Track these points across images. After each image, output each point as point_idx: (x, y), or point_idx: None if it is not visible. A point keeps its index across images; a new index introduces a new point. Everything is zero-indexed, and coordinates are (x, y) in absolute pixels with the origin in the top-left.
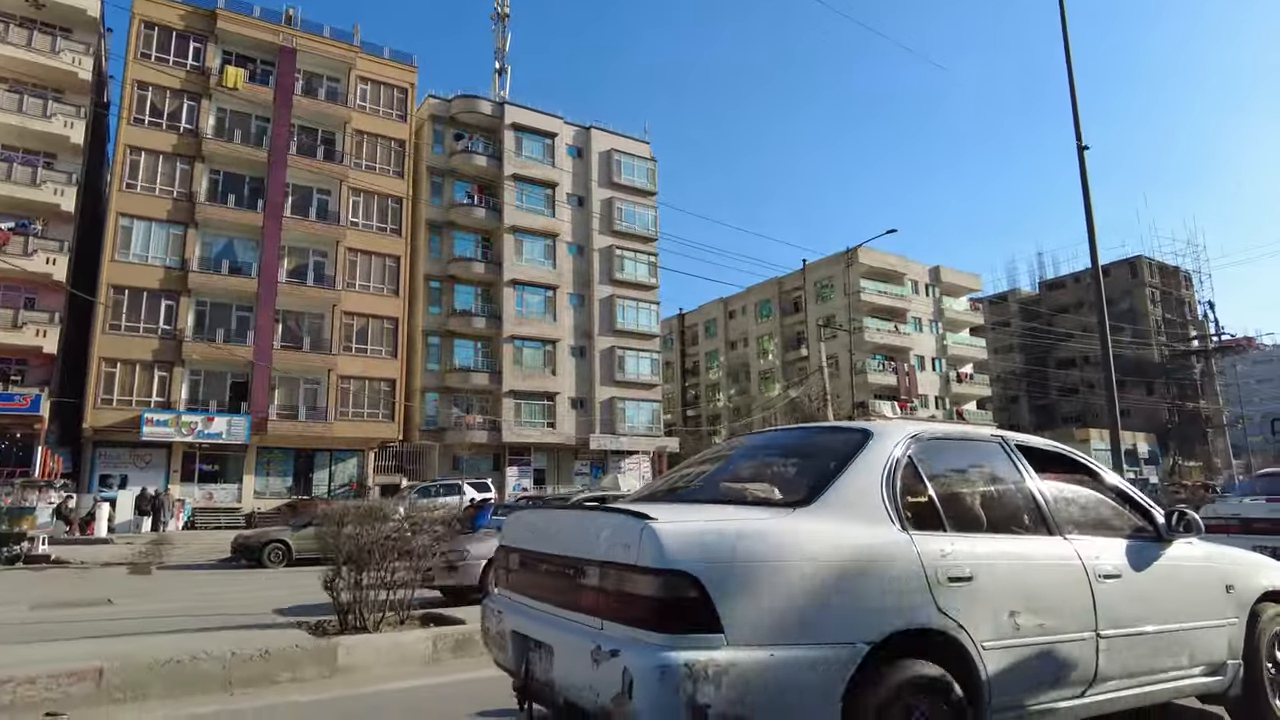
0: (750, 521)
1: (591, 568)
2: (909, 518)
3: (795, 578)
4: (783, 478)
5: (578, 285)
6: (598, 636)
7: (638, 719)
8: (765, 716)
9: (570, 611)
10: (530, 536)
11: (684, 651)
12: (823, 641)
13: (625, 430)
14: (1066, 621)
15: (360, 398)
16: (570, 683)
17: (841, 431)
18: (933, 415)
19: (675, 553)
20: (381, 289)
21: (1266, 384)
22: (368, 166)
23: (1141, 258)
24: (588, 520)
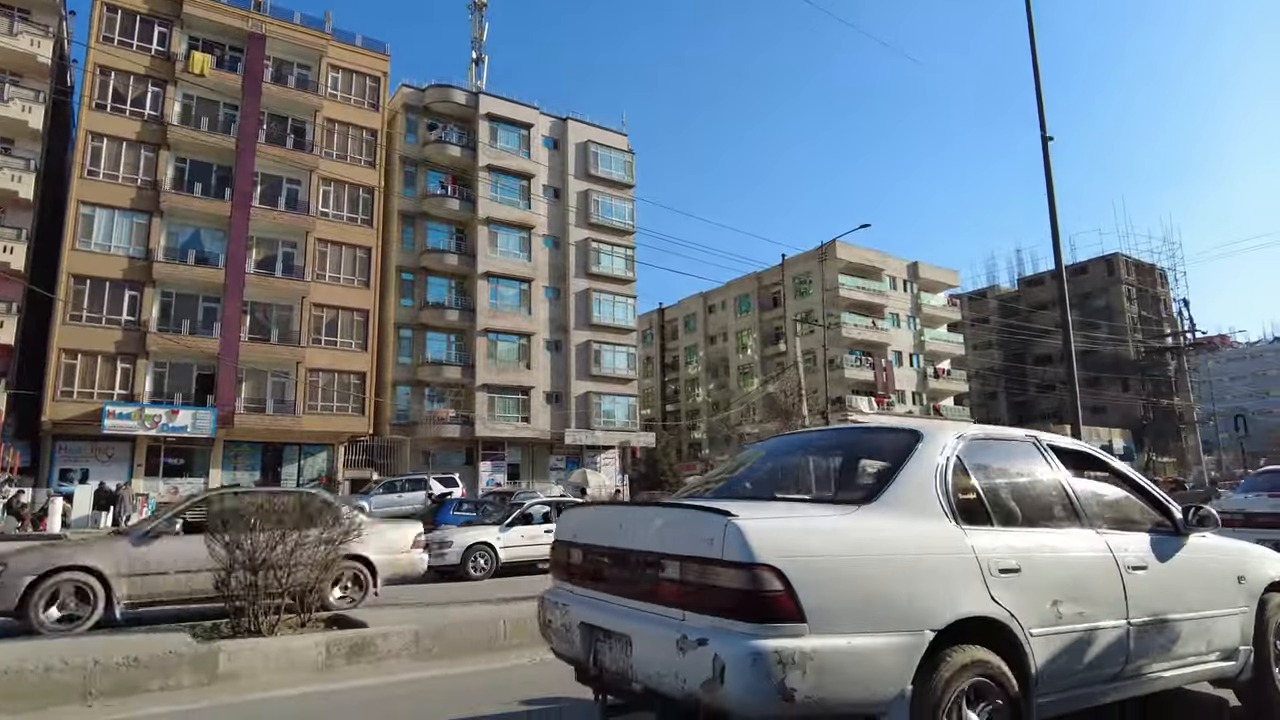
0: (825, 518)
1: (671, 562)
2: (960, 513)
3: (867, 570)
4: (840, 476)
5: (553, 278)
6: (681, 627)
7: (729, 703)
8: (844, 698)
9: (648, 604)
10: (596, 532)
11: (773, 640)
12: (894, 629)
13: (601, 425)
14: (1102, 610)
15: (330, 391)
16: (651, 670)
17: (891, 432)
18: (909, 411)
19: (761, 548)
20: (352, 280)
21: (1239, 381)
22: (339, 156)
23: (1119, 255)
24: (666, 516)
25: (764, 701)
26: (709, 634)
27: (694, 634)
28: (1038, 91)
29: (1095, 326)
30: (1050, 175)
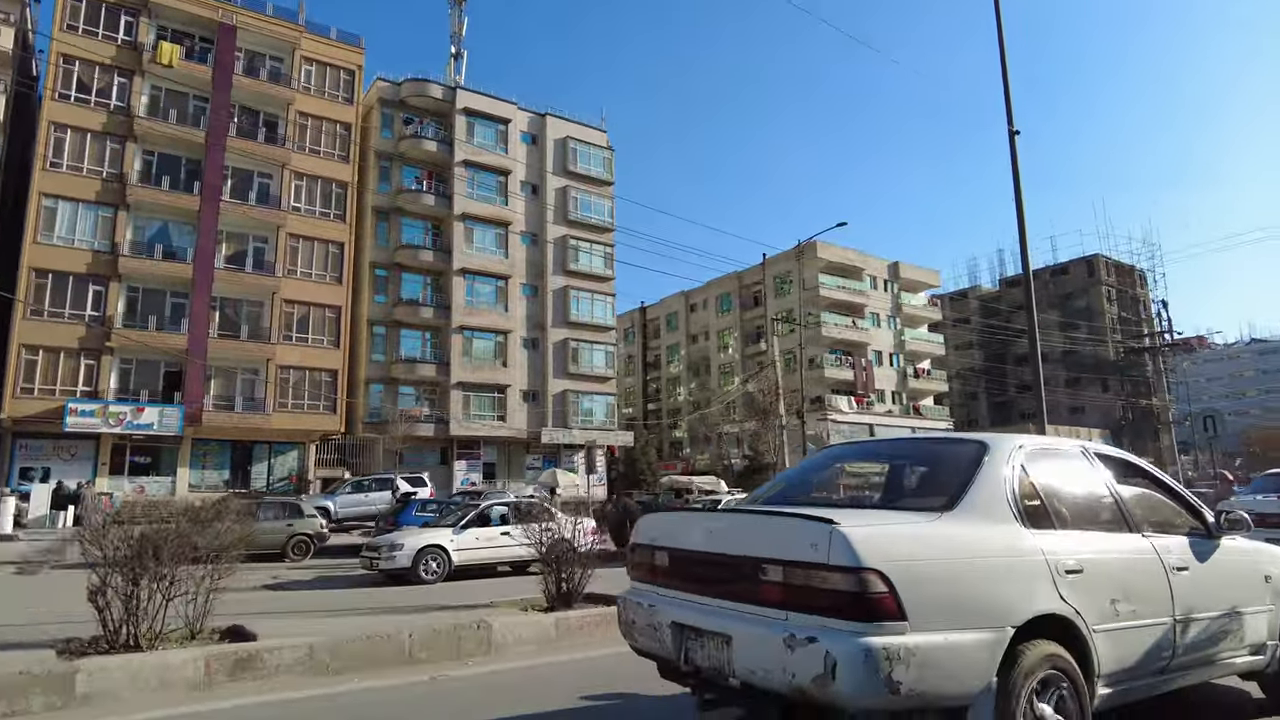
0: (916, 525)
1: (773, 566)
2: (1027, 518)
3: (956, 572)
4: (915, 484)
5: (531, 275)
6: (786, 626)
7: (840, 696)
8: (940, 691)
9: (747, 605)
10: (683, 536)
11: (880, 637)
12: (981, 626)
13: (579, 424)
14: (1152, 608)
15: (300, 389)
16: (754, 666)
17: (960, 443)
18: (889, 410)
19: (866, 553)
20: (324, 276)
21: (1216, 382)
22: (311, 150)
23: (1099, 256)
24: (764, 523)
25: (873, 694)
26: (818, 632)
27: (803, 632)
28: (1005, 86)
29: (1075, 327)
30: (1017, 169)
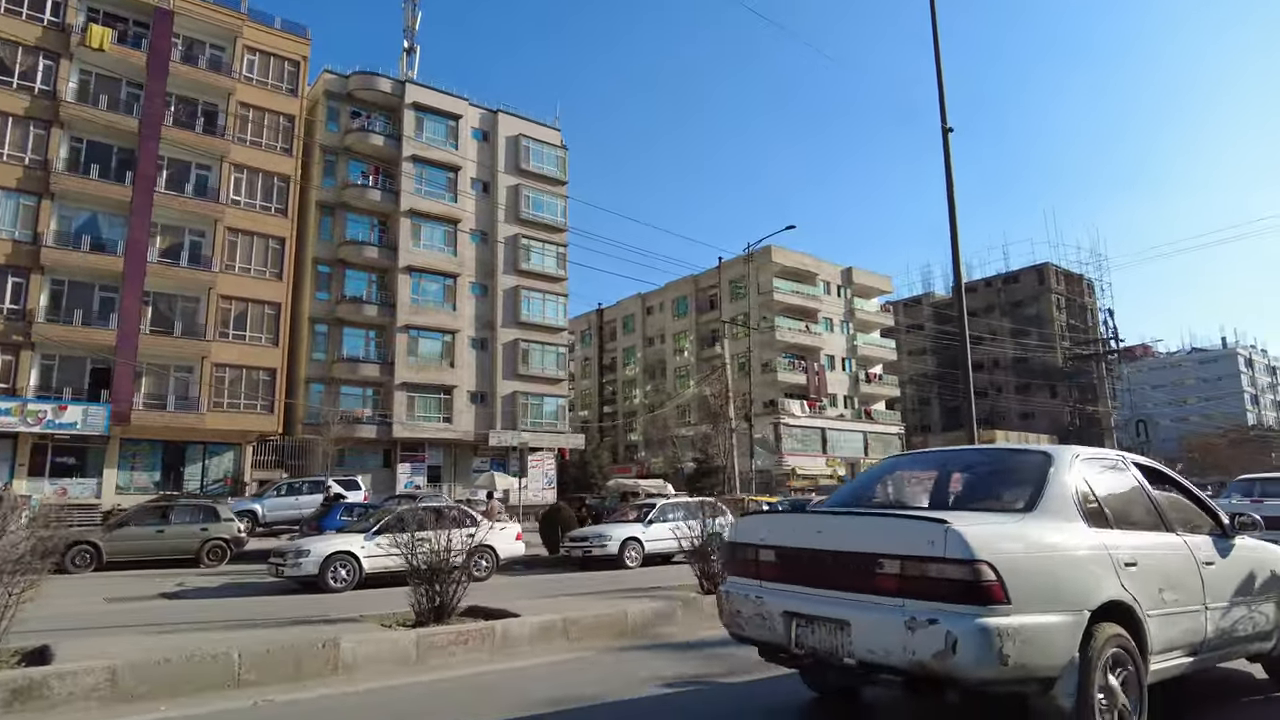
0: (1009, 524)
1: (890, 560)
2: (1089, 518)
3: (1045, 563)
4: (991, 490)
5: (481, 274)
6: (905, 611)
7: (959, 668)
8: (1036, 664)
9: (864, 594)
10: (789, 535)
11: (993, 618)
12: (1066, 609)
13: (529, 426)
14: (1189, 597)
15: (237, 388)
16: (874, 646)
17: (1027, 453)
18: (841, 414)
19: (978, 548)
20: (264, 272)
21: (1160, 389)
22: (253, 142)
23: (1049, 264)
24: (881, 524)
25: (987, 666)
26: (938, 615)
27: (923, 615)
28: (939, 83)
29: (1026, 333)
30: (949, 166)
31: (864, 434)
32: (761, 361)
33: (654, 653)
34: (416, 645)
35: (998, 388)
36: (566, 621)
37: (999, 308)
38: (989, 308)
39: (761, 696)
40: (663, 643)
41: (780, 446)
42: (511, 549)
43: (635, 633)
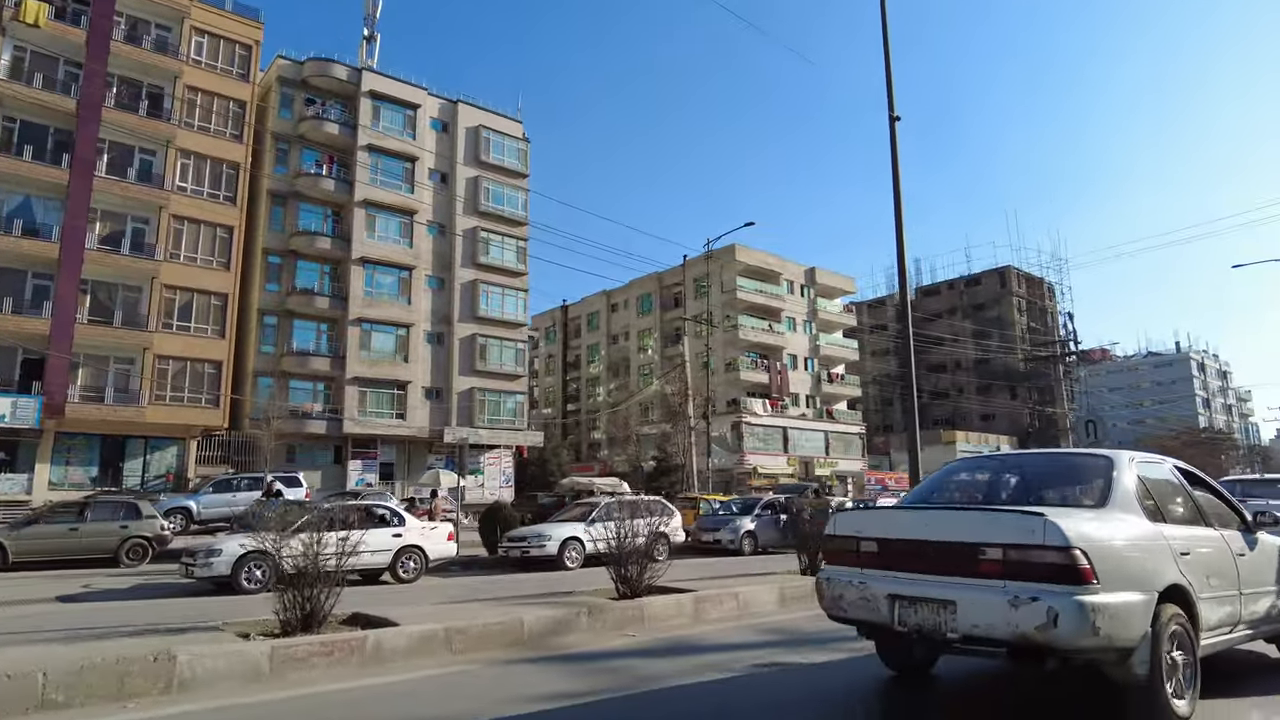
0: (1090, 519)
1: (992, 548)
2: (1149, 514)
3: (1123, 551)
4: (1069, 489)
5: (438, 267)
6: (1008, 590)
7: (1057, 639)
8: (1119, 636)
9: (967, 578)
10: (893, 528)
11: (1086, 595)
12: (1140, 590)
13: (485, 423)
14: (1228, 584)
15: (181, 380)
16: (977, 621)
17: (1092, 457)
18: (803, 414)
19: (1073, 536)
20: (210, 262)
21: (1117, 392)
22: (201, 127)
23: (1010, 268)
24: (983, 517)
25: (1082, 637)
26: (1039, 593)
27: (1025, 594)
28: (887, 70)
29: (987, 336)
30: (895, 155)
31: (825, 433)
32: (725, 360)
33: (546, 666)
34: (270, 658)
35: (959, 389)
36: (450, 631)
37: (961, 309)
38: (951, 310)
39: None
40: (561, 654)
41: (742, 445)
42: (442, 550)
43: (531, 643)
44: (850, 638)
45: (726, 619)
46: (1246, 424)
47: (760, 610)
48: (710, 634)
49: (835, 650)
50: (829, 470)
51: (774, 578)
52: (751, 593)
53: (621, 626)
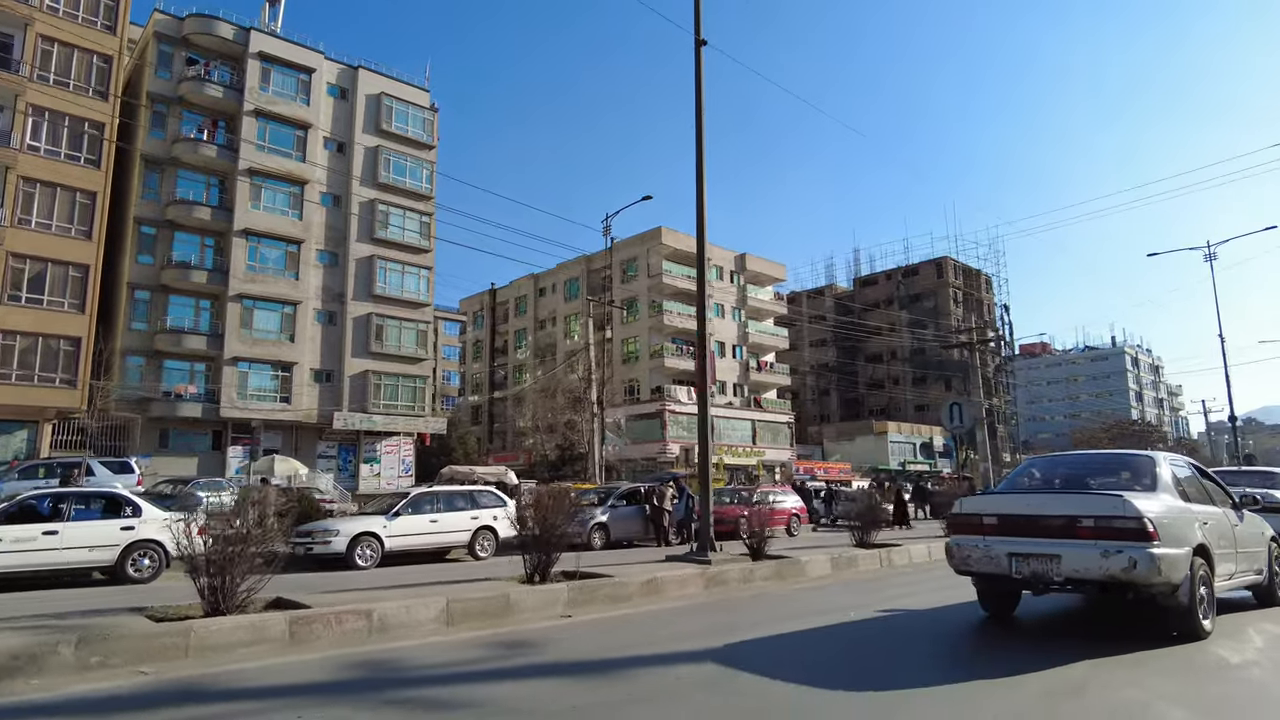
0: (1147, 499)
1: (1086, 518)
2: (1180, 495)
3: (1170, 519)
4: (1125, 478)
5: (331, 241)
6: (1099, 546)
7: (1136, 577)
8: (1170, 575)
9: (1069, 539)
10: (1010, 507)
11: (1153, 548)
12: (1181, 546)
13: (381, 408)
14: (1230, 545)
15: (30, 358)
16: (1078, 567)
17: (1140, 455)
18: (730, 402)
19: (1143, 510)
20: (68, 230)
21: (1055, 385)
22: (57, 82)
23: (947, 258)
24: (1080, 498)
25: (1152, 575)
26: (1122, 548)
27: (1112, 549)
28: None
29: (923, 326)
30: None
31: (752, 422)
32: (651, 348)
33: None
34: None
35: (895, 380)
36: None
37: (898, 300)
38: (889, 300)
39: None
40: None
41: (665, 434)
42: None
43: None
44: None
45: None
46: (1177, 417)
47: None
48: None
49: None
50: (756, 459)
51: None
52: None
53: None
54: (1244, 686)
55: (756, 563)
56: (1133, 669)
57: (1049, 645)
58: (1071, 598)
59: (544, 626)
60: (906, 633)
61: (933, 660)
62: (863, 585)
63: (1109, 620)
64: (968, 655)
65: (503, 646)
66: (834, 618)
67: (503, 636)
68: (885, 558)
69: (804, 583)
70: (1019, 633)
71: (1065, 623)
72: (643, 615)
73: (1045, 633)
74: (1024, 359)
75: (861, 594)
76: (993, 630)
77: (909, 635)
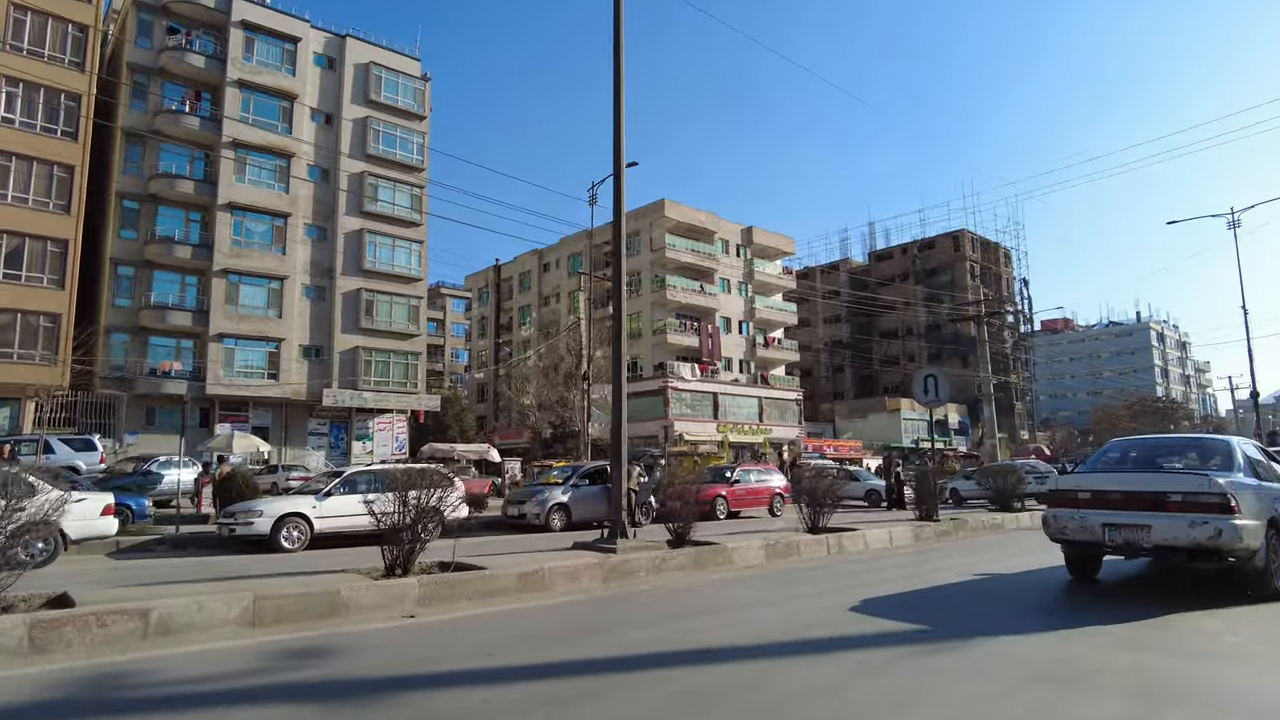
0: (1227, 477)
1: (1175, 494)
2: (1253, 474)
3: (1248, 494)
4: (1206, 459)
5: (319, 215)
6: (1186, 518)
7: (1221, 545)
8: (1249, 543)
9: (1160, 512)
10: (1102, 483)
11: (1235, 519)
12: (1259, 518)
13: (372, 385)
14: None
15: (9, 334)
16: (1168, 536)
17: (1216, 439)
18: (735, 379)
19: (1226, 487)
20: (46, 204)
21: (1078, 361)
22: (31, 52)
23: (964, 231)
24: (1168, 475)
25: (1235, 544)
26: (1208, 519)
27: (1199, 520)
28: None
29: (939, 300)
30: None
31: (759, 399)
32: (654, 324)
33: None
34: None
35: (910, 355)
36: None
37: (914, 274)
38: (904, 275)
39: None
40: None
41: (668, 412)
42: (89, 527)
43: None
44: None
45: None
46: (1204, 394)
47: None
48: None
49: None
50: (763, 437)
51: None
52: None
53: None
54: None
55: (677, 550)
56: (1211, 616)
57: (1129, 602)
58: (1140, 569)
59: (373, 630)
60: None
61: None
62: (795, 577)
63: (1180, 587)
64: (1060, 608)
65: (294, 656)
66: (710, 621)
67: (311, 642)
68: (835, 544)
69: (727, 572)
70: (1100, 590)
71: (1141, 585)
72: (503, 615)
73: (1118, 589)
74: (1045, 335)
75: (786, 588)
76: (1078, 589)
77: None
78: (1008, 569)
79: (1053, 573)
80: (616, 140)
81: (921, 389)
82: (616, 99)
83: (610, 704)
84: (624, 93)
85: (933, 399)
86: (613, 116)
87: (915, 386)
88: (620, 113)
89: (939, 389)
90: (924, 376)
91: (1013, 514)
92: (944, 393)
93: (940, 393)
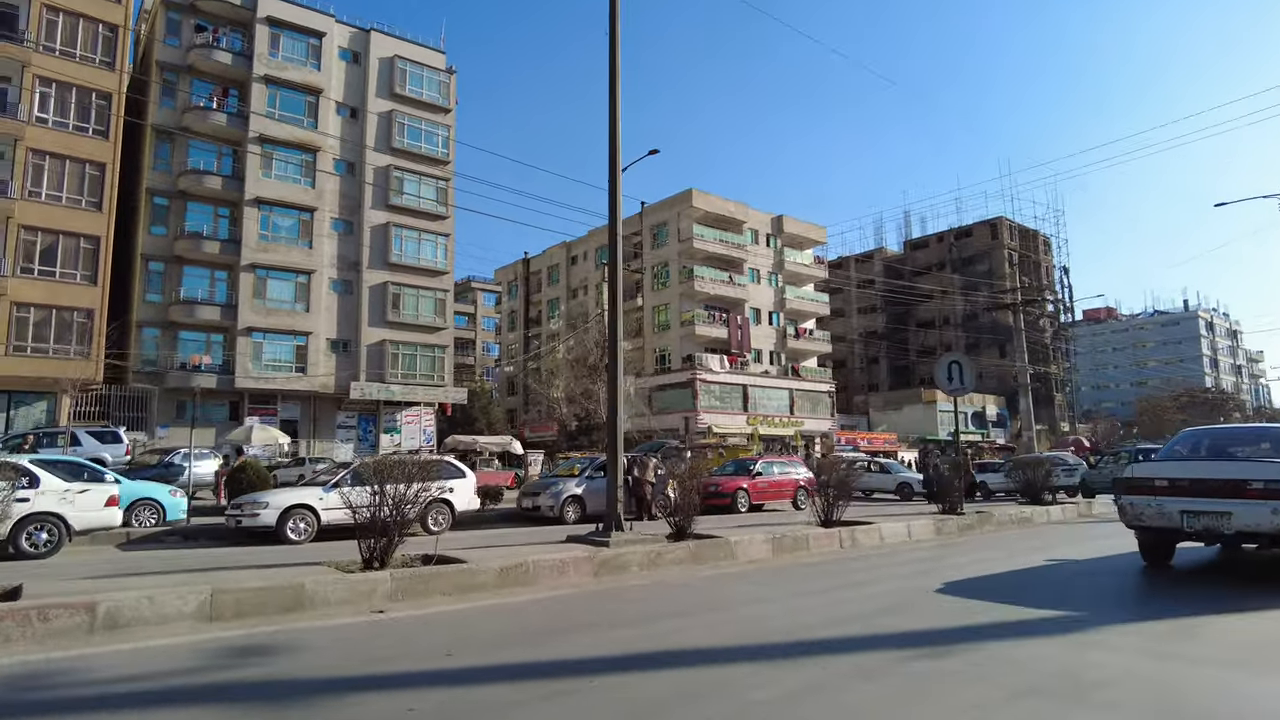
0: None
1: (1256, 481)
2: None
3: None
4: (1276, 448)
5: (345, 209)
6: (1269, 505)
7: None
8: None
9: (1240, 499)
10: (1179, 471)
11: None
12: None
13: (399, 379)
14: None
15: (45, 330)
16: (1249, 523)
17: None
18: (766, 371)
19: None
20: (79, 201)
21: (1121, 351)
22: (64, 52)
23: (1002, 219)
24: (1248, 464)
25: None
26: None
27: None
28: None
29: (976, 289)
30: None
31: (790, 391)
32: (682, 315)
33: None
34: None
35: (946, 346)
36: None
37: (950, 263)
38: (940, 264)
39: None
40: None
41: (697, 404)
42: (89, 519)
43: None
44: None
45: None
46: (1256, 385)
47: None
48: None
49: None
50: (794, 429)
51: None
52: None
53: None
54: None
55: (675, 544)
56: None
57: (1195, 588)
58: (1206, 556)
59: (335, 626)
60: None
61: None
62: (801, 574)
63: (1243, 573)
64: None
65: (239, 654)
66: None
67: (263, 639)
68: (848, 538)
69: (729, 567)
70: (1174, 575)
71: (1206, 568)
72: (479, 612)
73: (1191, 574)
74: (1087, 324)
75: (789, 585)
76: (1152, 574)
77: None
78: (1027, 564)
79: (1117, 560)
80: (613, 141)
81: (945, 375)
82: (612, 100)
83: (558, 709)
84: (619, 94)
85: (957, 386)
86: (609, 118)
87: (938, 373)
88: (616, 114)
89: (963, 376)
90: (948, 362)
91: (1043, 507)
92: (969, 380)
93: (965, 380)
